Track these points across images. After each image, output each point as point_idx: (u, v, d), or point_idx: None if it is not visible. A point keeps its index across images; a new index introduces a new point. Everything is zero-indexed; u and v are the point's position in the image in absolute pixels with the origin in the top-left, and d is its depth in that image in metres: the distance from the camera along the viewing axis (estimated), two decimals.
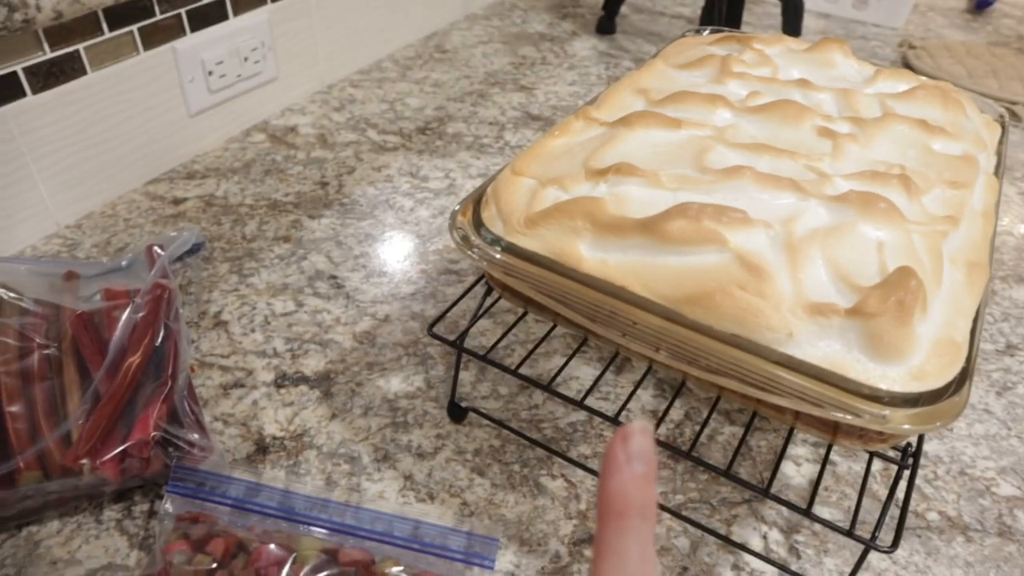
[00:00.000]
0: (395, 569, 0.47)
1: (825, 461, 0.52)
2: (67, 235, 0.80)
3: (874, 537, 0.45)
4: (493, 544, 0.49)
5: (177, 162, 0.91)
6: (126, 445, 0.51)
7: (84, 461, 0.50)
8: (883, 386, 0.40)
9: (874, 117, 0.58)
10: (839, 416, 0.40)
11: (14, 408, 0.53)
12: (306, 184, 0.88)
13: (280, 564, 0.46)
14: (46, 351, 0.57)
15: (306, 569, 0.46)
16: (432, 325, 0.57)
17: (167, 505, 0.51)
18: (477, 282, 0.61)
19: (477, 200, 0.53)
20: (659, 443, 0.52)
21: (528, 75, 1.16)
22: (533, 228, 0.49)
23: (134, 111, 0.84)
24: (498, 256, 0.49)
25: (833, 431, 0.46)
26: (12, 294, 0.61)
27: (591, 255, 0.47)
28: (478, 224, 0.51)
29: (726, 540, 0.53)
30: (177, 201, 0.85)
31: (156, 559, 0.48)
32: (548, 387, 0.54)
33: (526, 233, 0.49)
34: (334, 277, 0.75)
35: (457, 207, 0.53)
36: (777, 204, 0.49)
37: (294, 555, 0.47)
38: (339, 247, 0.79)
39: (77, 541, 0.53)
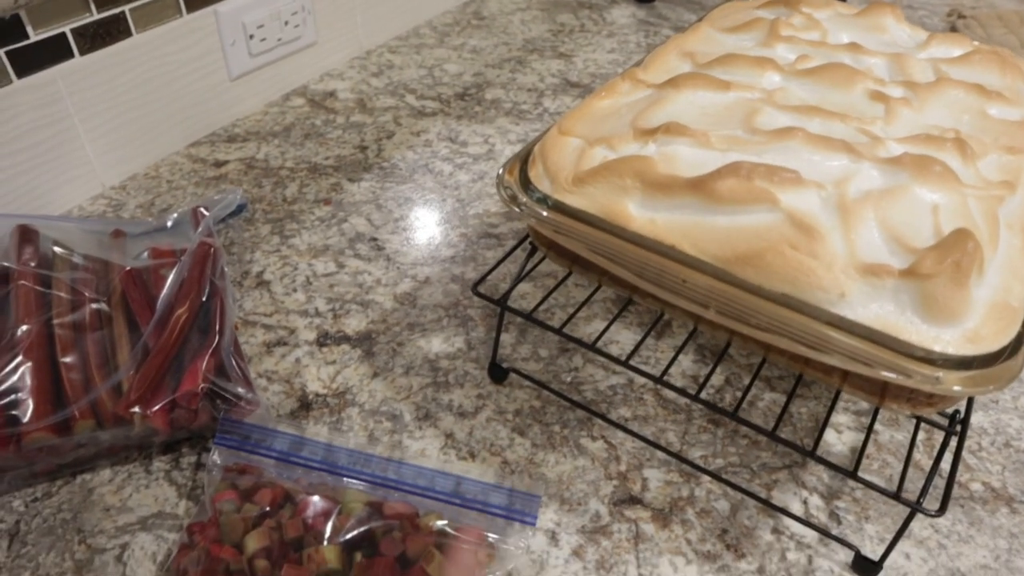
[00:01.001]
0: (439, 523, 0.47)
1: (870, 430, 0.52)
2: (112, 196, 0.81)
3: (920, 501, 0.45)
4: (535, 500, 0.49)
5: (218, 125, 0.92)
6: (175, 396, 0.52)
7: (135, 410, 0.51)
8: (937, 348, 0.40)
9: (928, 82, 0.57)
10: (891, 377, 0.39)
11: (68, 359, 0.54)
12: (345, 148, 0.89)
13: (326, 515, 0.47)
14: (96, 305, 0.58)
15: (351, 520, 0.47)
16: (476, 284, 0.57)
17: (215, 457, 0.52)
18: (521, 242, 0.60)
19: (523, 159, 0.53)
20: (704, 403, 0.52)
21: (566, 42, 1.15)
22: (581, 186, 0.49)
23: (177, 73, 0.84)
24: (545, 214, 0.48)
25: (881, 394, 0.46)
26: (63, 250, 0.62)
27: (640, 214, 0.47)
28: (525, 183, 0.51)
29: (766, 503, 0.53)
30: (218, 164, 0.86)
31: (205, 508, 0.49)
32: (592, 346, 0.54)
33: (574, 191, 0.49)
34: (374, 239, 0.75)
35: (503, 166, 0.52)
36: (829, 166, 0.48)
37: (339, 507, 0.48)
38: (379, 210, 0.79)
39: (128, 490, 0.54)
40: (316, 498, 0.48)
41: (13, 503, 0.53)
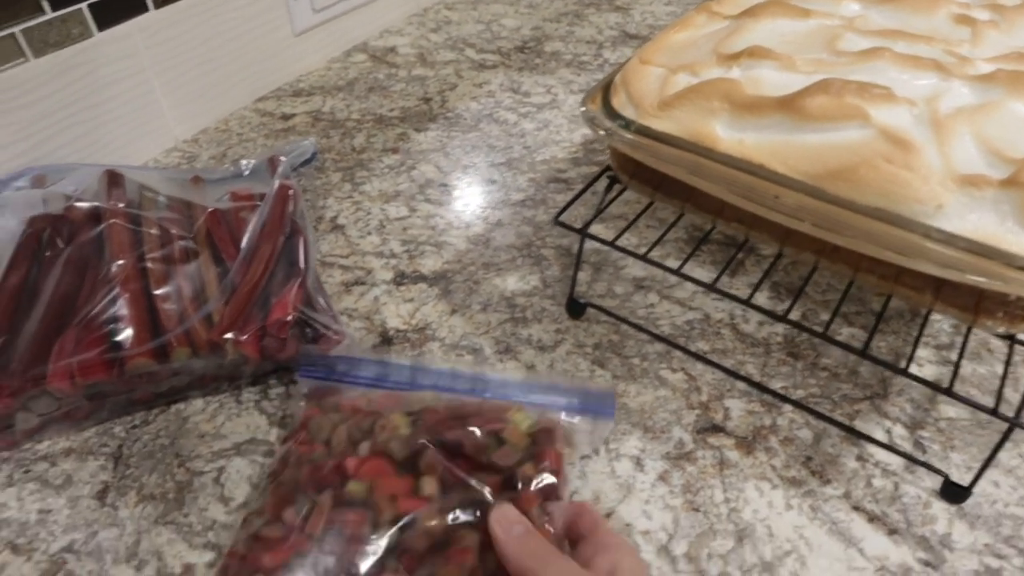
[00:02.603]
0: (524, 419, 0.46)
1: (963, 348, 0.52)
2: (185, 148, 0.83)
3: (1019, 415, 0.45)
4: (610, 396, 0.50)
5: (283, 81, 0.93)
6: (266, 323, 0.53)
7: (228, 336, 0.52)
8: None
9: (1016, 4, 0.56)
10: (997, 285, 0.39)
11: (161, 291, 0.55)
12: (410, 100, 0.89)
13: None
14: (183, 243, 0.60)
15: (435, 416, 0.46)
16: (558, 215, 0.57)
17: (302, 388, 0.53)
18: (600, 175, 0.61)
19: (605, 88, 0.53)
20: (792, 323, 0.52)
21: None
22: (667, 110, 0.49)
23: (243, 28, 0.85)
24: (629, 136, 0.49)
25: (975, 310, 0.45)
26: (149, 192, 0.63)
27: (727, 135, 0.47)
28: (608, 112, 0.51)
29: (850, 430, 0.53)
30: (286, 117, 0.87)
31: (295, 423, 0.50)
32: (678, 271, 0.54)
33: (660, 116, 0.49)
34: (444, 185, 0.76)
35: (585, 96, 0.53)
36: (918, 84, 0.48)
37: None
38: (447, 157, 0.80)
39: (220, 418, 0.55)
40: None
41: (114, 429, 0.55)
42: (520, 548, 0.38)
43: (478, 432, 0.43)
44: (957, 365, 0.50)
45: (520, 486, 0.41)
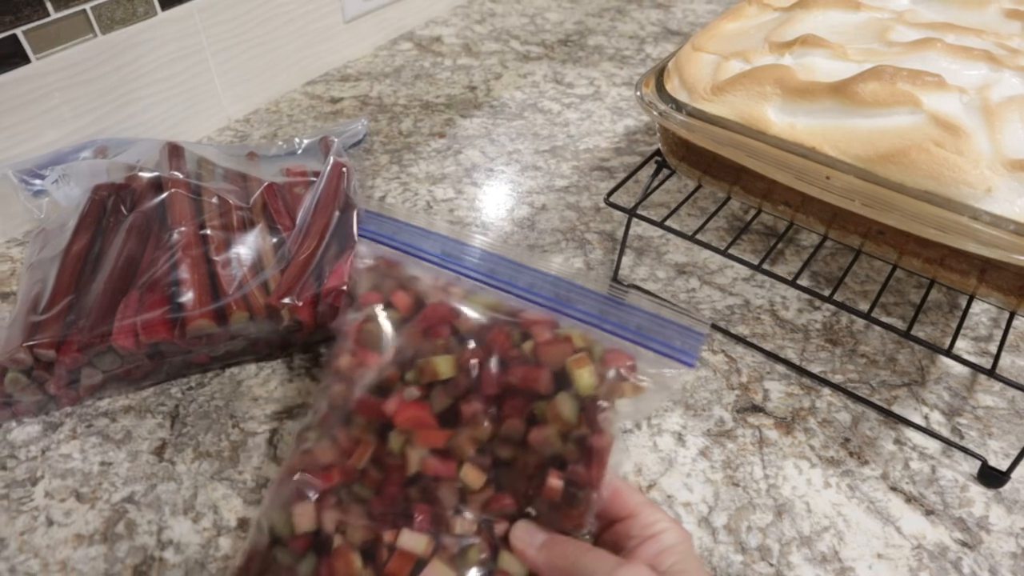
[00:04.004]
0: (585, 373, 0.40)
1: (1006, 332, 0.53)
2: (237, 127, 0.85)
3: None
4: (698, 339, 0.41)
5: (331, 66, 0.95)
6: (322, 289, 0.55)
7: (286, 300, 0.54)
8: None
9: None
10: None
11: (220, 258, 0.57)
12: (455, 88, 0.91)
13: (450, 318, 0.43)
14: (240, 212, 0.62)
15: (472, 324, 0.42)
16: (609, 194, 0.59)
17: (362, 258, 0.47)
18: (650, 158, 0.62)
19: (659, 74, 0.54)
20: (836, 303, 0.53)
21: None
22: (720, 95, 0.50)
23: (297, 13, 0.88)
24: (682, 118, 0.50)
25: (1019, 296, 0.46)
26: (207, 165, 0.65)
27: (779, 119, 0.48)
28: (663, 95, 0.52)
29: (888, 413, 0.54)
30: (334, 100, 0.89)
31: (358, 307, 0.46)
32: (725, 252, 0.55)
33: (713, 100, 0.50)
34: (490, 170, 0.78)
35: (639, 80, 0.54)
36: (969, 74, 0.49)
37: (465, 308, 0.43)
38: (492, 143, 0.82)
39: (273, 383, 0.57)
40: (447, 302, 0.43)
41: (171, 390, 0.57)
42: (548, 555, 0.37)
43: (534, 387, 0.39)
44: (999, 350, 0.51)
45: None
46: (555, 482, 0.39)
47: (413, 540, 0.38)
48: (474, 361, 0.41)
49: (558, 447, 0.39)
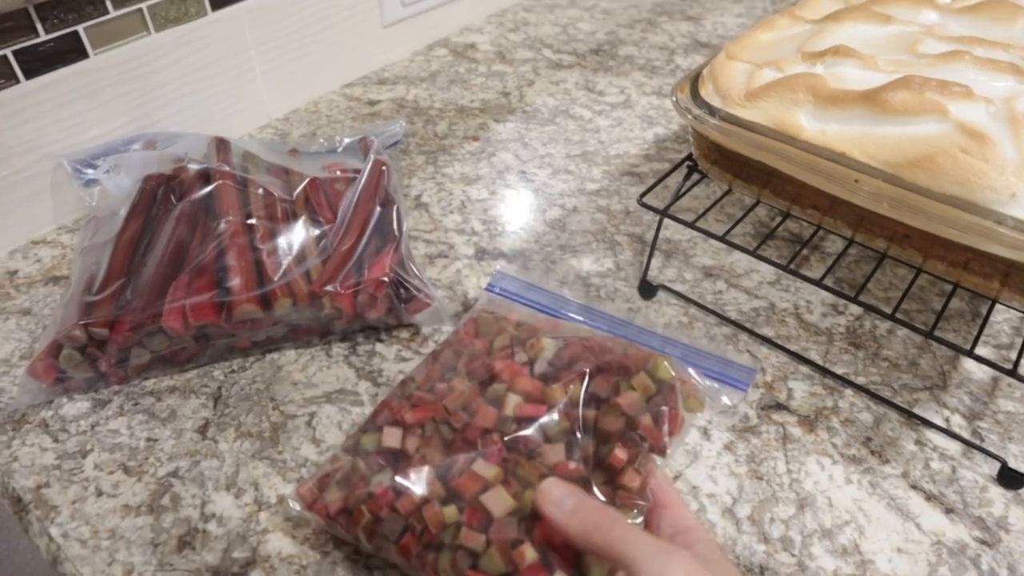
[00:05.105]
0: (663, 369, 0.47)
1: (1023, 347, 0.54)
2: (277, 126, 0.88)
3: None
4: (751, 373, 0.50)
5: (368, 70, 0.98)
6: (363, 280, 0.57)
7: (329, 288, 0.56)
8: None
9: None
10: None
11: (265, 246, 0.60)
12: (489, 93, 0.94)
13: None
14: (284, 204, 0.64)
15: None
16: (643, 195, 0.61)
17: (481, 300, 0.58)
18: (683, 161, 0.64)
19: (694, 80, 0.56)
20: (863, 304, 0.54)
21: (694, 6, 1.18)
22: (754, 101, 0.52)
23: (339, 17, 0.90)
24: (716, 123, 0.52)
25: None
26: (252, 158, 0.68)
27: (811, 125, 0.50)
28: (697, 100, 0.54)
29: (910, 414, 0.56)
30: (372, 103, 0.92)
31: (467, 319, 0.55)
32: (755, 252, 0.57)
33: (746, 106, 0.52)
34: (523, 172, 0.80)
35: (675, 86, 0.56)
36: (996, 86, 0.50)
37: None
38: (525, 147, 0.84)
39: (312, 369, 0.60)
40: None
41: (214, 372, 0.59)
42: (581, 522, 0.37)
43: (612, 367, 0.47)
44: (1020, 353, 0.52)
45: (639, 437, 0.44)
46: (621, 452, 0.43)
47: (484, 467, 0.43)
48: (573, 349, 0.48)
49: (640, 409, 0.45)
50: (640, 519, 0.42)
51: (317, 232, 0.62)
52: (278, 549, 0.48)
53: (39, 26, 0.64)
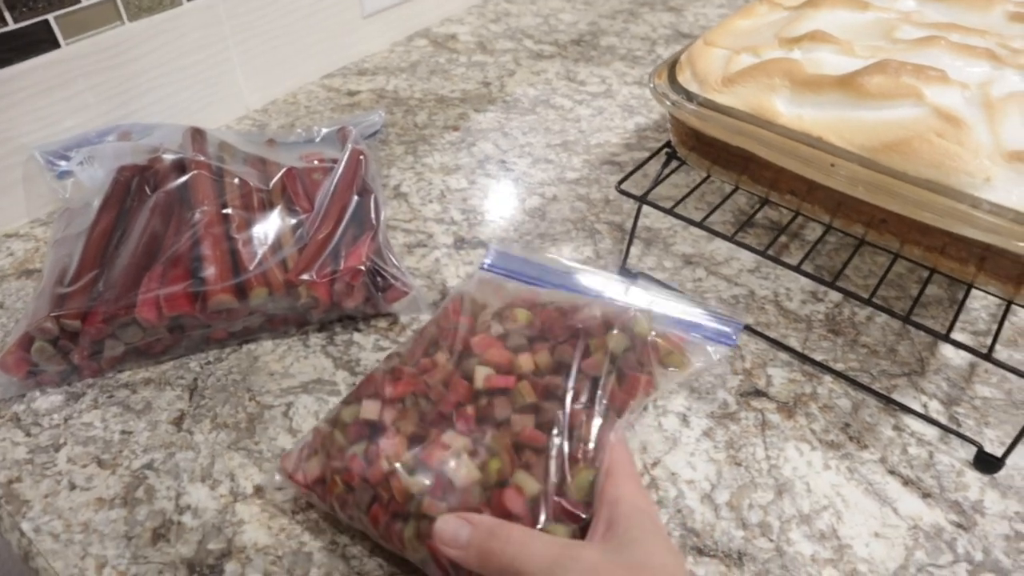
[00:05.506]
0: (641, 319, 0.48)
1: (1000, 326, 0.54)
2: (255, 117, 0.87)
3: None
4: (737, 326, 0.49)
5: (349, 60, 0.97)
6: (339, 269, 0.57)
7: (305, 277, 0.56)
8: None
9: None
10: None
11: (240, 236, 0.59)
12: (470, 83, 0.93)
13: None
14: (260, 194, 0.63)
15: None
16: (621, 182, 0.61)
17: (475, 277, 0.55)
18: (661, 149, 0.64)
19: (671, 66, 0.56)
20: (840, 289, 0.54)
21: None
22: (731, 86, 0.52)
23: (318, 7, 0.90)
24: (693, 108, 0.52)
25: (1016, 284, 0.48)
26: (229, 149, 0.67)
27: (787, 110, 0.50)
28: (675, 86, 0.54)
29: (888, 400, 0.56)
30: (351, 93, 0.91)
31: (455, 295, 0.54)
32: (732, 238, 0.57)
33: (723, 91, 0.52)
34: (503, 161, 0.80)
35: (652, 72, 0.56)
36: (971, 71, 0.50)
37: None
38: (505, 137, 0.83)
39: (289, 359, 0.59)
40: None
41: (190, 364, 0.59)
42: (477, 552, 0.38)
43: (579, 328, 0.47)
44: (995, 337, 0.53)
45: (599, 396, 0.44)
46: (577, 415, 0.43)
47: (452, 437, 0.44)
48: (546, 316, 0.49)
49: (603, 371, 0.45)
50: (592, 477, 0.42)
51: (294, 221, 0.62)
52: (254, 540, 0.47)
53: (7, 15, 0.63)
